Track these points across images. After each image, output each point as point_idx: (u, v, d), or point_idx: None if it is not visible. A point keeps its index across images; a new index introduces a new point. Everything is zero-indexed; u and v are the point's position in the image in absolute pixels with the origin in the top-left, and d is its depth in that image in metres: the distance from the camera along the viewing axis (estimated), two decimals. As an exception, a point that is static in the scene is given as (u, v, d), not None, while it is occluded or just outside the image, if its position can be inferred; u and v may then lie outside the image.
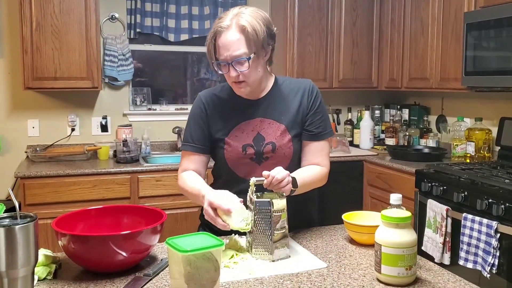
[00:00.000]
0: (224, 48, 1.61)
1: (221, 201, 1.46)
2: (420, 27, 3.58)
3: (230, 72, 1.63)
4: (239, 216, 1.46)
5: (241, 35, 1.59)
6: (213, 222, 1.47)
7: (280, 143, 1.71)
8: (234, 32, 1.60)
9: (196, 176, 1.73)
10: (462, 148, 3.34)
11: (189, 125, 1.79)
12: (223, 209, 1.45)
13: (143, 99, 3.92)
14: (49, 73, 3.31)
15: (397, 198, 1.34)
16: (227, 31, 1.60)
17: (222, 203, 1.45)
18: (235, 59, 1.60)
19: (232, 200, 1.48)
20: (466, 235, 2.45)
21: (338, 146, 3.82)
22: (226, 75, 1.67)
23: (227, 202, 1.46)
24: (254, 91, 1.73)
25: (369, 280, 1.33)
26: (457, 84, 3.17)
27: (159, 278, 1.34)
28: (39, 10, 3.25)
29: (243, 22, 1.59)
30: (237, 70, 1.62)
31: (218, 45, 1.62)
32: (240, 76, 1.63)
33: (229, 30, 1.60)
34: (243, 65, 1.61)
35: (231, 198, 1.49)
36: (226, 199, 1.47)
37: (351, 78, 4.06)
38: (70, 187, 3.11)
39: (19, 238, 1.10)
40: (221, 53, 1.62)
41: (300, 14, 3.86)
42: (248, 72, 1.63)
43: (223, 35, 1.61)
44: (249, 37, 1.60)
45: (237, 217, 1.46)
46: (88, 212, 1.55)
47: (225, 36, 1.60)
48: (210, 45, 1.65)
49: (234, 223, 1.45)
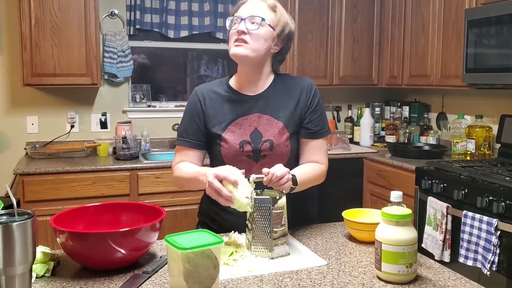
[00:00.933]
0: (245, 6, 1.68)
1: (227, 172, 1.45)
2: (420, 24, 3.57)
3: (239, 26, 1.64)
4: (244, 190, 1.45)
5: (269, 10, 1.68)
6: (218, 193, 1.44)
7: (278, 141, 1.69)
8: (264, 5, 1.68)
9: (192, 164, 1.72)
10: (463, 145, 3.33)
11: (184, 120, 1.77)
12: (230, 180, 1.43)
13: (142, 96, 3.91)
14: (48, 70, 3.30)
15: (397, 196, 1.34)
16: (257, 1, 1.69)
17: (229, 174, 1.44)
18: (250, 16, 1.65)
19: (238, 173, 1.47)
20: (466, 232, 2.45)
21: (338, 144, 3.81)
22: (231, 35, 1.67)
23: (234, 173, 1.45)
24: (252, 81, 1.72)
25: (369, 277, 1.32)
26: (457, 81, 3.16)
27: (158, 276, 1.33)
28: (38, 6, 3.24)
29: (275, 2, 1.70)
30: (246, 27, 1.64)
31: (243, 6, 1.68)
32: (247, 36, 1.64)
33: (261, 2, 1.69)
34: (254, 24, 1.65)
35: (236, 171, 1.48)
36: (232, 170, 1.46)
37: (352, 75, 4.06)
38: (69, 184, 3.11)
39: (17, 235, 1.10)
40: (242, 11, 1.67)
41: (301, 11, 3.84)
42: (255, 33, 1.64)
43: (251, 1, 1.69)
44: (273, 12, 1.68)
45: (242, 191, 1.44)
46: (86, 209, 1.55)
47: (255, 2, 1.69)
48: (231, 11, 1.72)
49: (240, 195, 1.44)
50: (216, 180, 1.44)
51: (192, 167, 1.69)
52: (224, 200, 1.44)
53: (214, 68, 4.18)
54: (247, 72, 1.72)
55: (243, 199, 1.45)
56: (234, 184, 1.44)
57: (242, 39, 1.63)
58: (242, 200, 1.44)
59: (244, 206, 1.46)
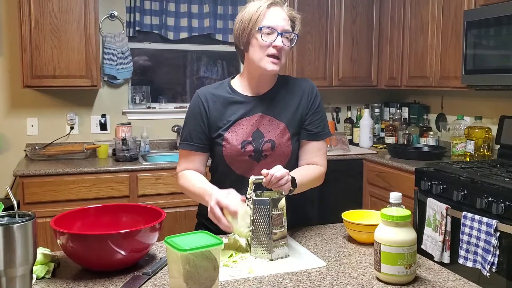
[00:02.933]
0: (277, 17, 1.64)
1: (229, 202, 1.46)
2: (420, 25, 3.57)
3: (277, 41, 1.62)
4: (243, 220, 1.47)
5: (289, 20, 1.68)
6: (218, 221, 1.46)
7: (279, 141, 1.70)
8: (284, 14, 1.67)
9: (199, 175, 1.72)
10: (462, 146, 3.33)
11: (187, 123, 1.77)
12: (230, 210, 1.45)
13: (142, 98, 3.92)
14: (48, 72, 3.30)
15: (396, 197, 1.34)
16: (279, 7, 1.67)
17: (230, 204, 1.45)
18: (286, 32, 1.64)
19: (239, 202, 1.47)
20: (465, 233, 2.45)
21: (338, 145, 3.81)
22: (264, 45, 1.63)
23: (234, 203, 1.46)
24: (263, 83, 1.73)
25: (369, 279, 1.33)
26: (457, 82, 3.17)
27: (158, 277, 1.34)
28: (38, 8, 3.24)
29: (293, 12, 1.70)
30: (283, 42, 1.63)
31: (267, 14, 1.64)
32: (282, 51, 1.64)
33: (281, 7, 1.68)
34: (289, 40, 1.66)
35: (237, 199, 1.48)
36: (233, 200, 1.47)
37: (351, 76, 4.06)
38: (69, 185, 3.11)
39: (17, 236, 1.10)
40: (273, 21, 1.63)
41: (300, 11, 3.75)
42: (287, 51, 1.67)
43: (275, 8, 1.66)
44: (295, 26, 1.70)
45: (241, 221, 1.46)
46: (86, 210, 1.55)
47: (278, 10, 1.66)
48: (253, 14, 1.64)
49: (238, 226, 1.46)
50: (217, 207, 1.46)
51: (198, 181, 1.68)
52: (223, 228, 1.47)
53: (214, 69, 4.18)
54: (263, 80, 1.73)
55: (240, 229, 1.47)
56: (233, 215, 1.45)
57: (279, 56, 1.64)
58: (239, 230, 1.47)
59: (242, 235, 1.49)
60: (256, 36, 1.63)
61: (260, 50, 1.64)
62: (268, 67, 1.64)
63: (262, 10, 1.63)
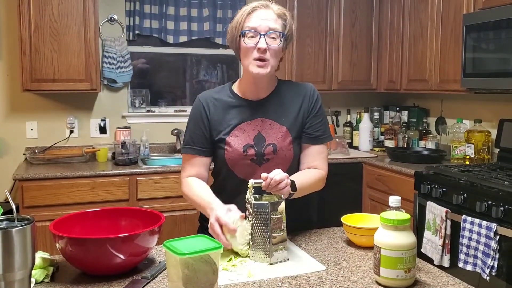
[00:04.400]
0: (260, 18, 1.61)
1: (228, 219, 1.47)
2: (419, 29, 3.58)
3: (260, 43, 1.59)
4: (242, 237, 1.48)
5: (278, 18, 1.64)
6: (217, 238, 1.47)
7: (281, 145, 1.70)
8: (272, 13, 1.64)
9: (202, 184, 1.73)
10: (462, 150, 3.33)
11: (189, 128, 1.78)
12: (228, 228, 1.46)
13: (142, 101, 3.92)
14: (48, 75, 3.30)
15: (396, 200, 1.34)
16: (265, 9, 1.63)
17: (228, 222, 1.46)
18: (271, 31, 1.61)
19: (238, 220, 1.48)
20: (465, 237, 2.45)
21: (337, 148, 3.82)
22: (248, 49, 1.61)
23: (233, 221, 1.47)
24: (261, 87, 1.72)
25: (368, 282, 1.32)
26: (456, 86, 3.17)
27: (157, 281, 1.33)
28: (38, 11, 3.24)
29: (281, 9, 1.66)
30: (267, 43, 1.60)
31: (251, 17, 1.61)
32: (267, 53, 1.61)
33: (268, 9, 1.64)
34: (275, 40, 1.62)
35: (237, 216, 1.49)
36: (233, 218, 1.48)
37: (350, 80, 4.06)
38: (68, 189, 3.10)
39: (16, 240, 1.10)
40: (255, 22, 1.60)
41: (299, 15, 3.86)
42: (276, 50, 1.63)
43: (260, 10, 1.63)
44: (285, 23, 1.66)
45: (240, 238, 1.47)
46: (86, 214, 1.55)
47: (263, 11, 1.63)
48: (238, 19, 1.63)
49: (237, 244, 1.47)
50: (217, 224, 1.47)
51: (202, 191, 1.68)
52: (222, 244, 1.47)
53: (213, 73, 4.18)
54: (259, 83, 1.72)
55: (239, 247, 1.48)
56: (232, 233, 1.46)
57: (264, 58, 1.61)
58: (238, 247, 1.49)
59: (240, 253, 1.50)
60: (241, 41, 1.64)
61: (246, 54, 1.64)
62: (253, 70, 1.63)
63: (245, 13, 1.63)
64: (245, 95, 1.75)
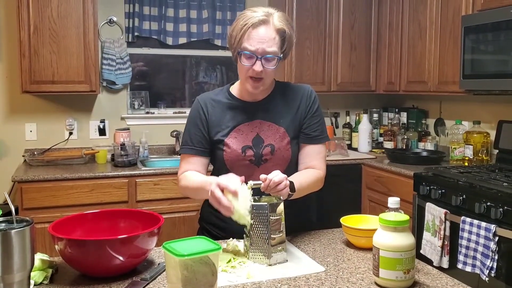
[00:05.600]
0: (258, 41, 1.60)
1: (228, 182, 1.45)
2: (418, 31, 3.58)
3: (256, 66, 1.61)
4: (244, 202, 1.45)
5: (277, 35, 1.62)
6: (218, 202, 1.44)
7: (279, 145, 1.71)
8: (271, 30, 1.62)
9: (199, 173, 1.73)
10: (461, 151, 3.34)
11: (187, 128, 1.79)
12: (230, 190, 1.44)
13: (141, 103, 3.92)
14: (47, 77, 3.31)
15: (395, 202, 1.34)
16: (264, 26, 1.61)
17: (229, 184, 1.45)
18: (266, 55, 1.61)
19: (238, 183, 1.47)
20: (464, 238, 2.45)
21: (337, 150, 3.82)
22: (244, 68, 1.63)
23: (234, 183, 1.45)
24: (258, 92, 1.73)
25: (367, 284, 1.32)
26: (455, 87, 3.18)
27: (156, 283, 1.33)
28: (37, 13, 3.24)
29: (282, 24, 1.63)
30: (263, 66, 1.62)
31: (250, 35, 1.60)
32: (262, 73, 1.63)
33: (267, 25, 1.61)
34: (270, 62, 1.63)
35: (237, 180, 1.48)
36: (233, 181, 1.47)
37: (349, 81, 4.07)
38: (67, 191, 3.10)
39: (15, 242, 1.10)
40: (252, 44, 1.60)
41: (298, 17, 3.86)
42: (270, 72, 1.65)
43: (260, 28, 1.61)
44: (284, 41, 1.65)
45: (242, 203, 1.45)
46: (85, 216, 1.55)
47: (262, 30, 1.61)
48: (238, 32, 1.62)
49: (239, 206, 1.44)
50: (217, 189, 1.45)
51: (198, 176, 1.70)
52: (224, 210, 1.45)
53: (213, 74, 4.19)
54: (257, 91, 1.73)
55: (241, 210, 1.45)
56: (233, 194, 1.44)
57: (258, 78, 1.64)
58: (240, 210, 1.45)
59: (243, 217, 1.46)
60: (238, 57, 1.65)
61: (242, 70, 1.66)
62: (248, 88, 1.67)
63: (246, 29, 1.61)
64: (243, 97, 1.77)
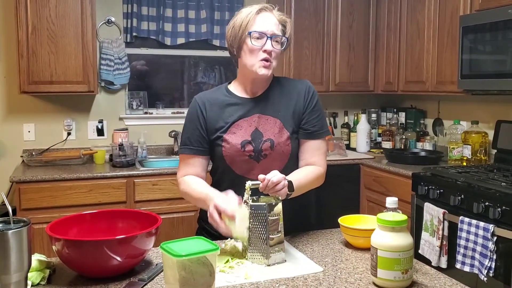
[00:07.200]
0: (267, 23, 1.67)
1: (226, 206, 1.46)
2: (416, 30, 3.58)
3: (267, 45, 1.66)
4: (242, 224, 1.47)
5: (279, 24, 1.71)
6: (217, 225, 1.47)
7: (278, 141, 1.71)
8: (274, 18, 1.70)
9: (200, 180, 1.73)
10: (459, 151, 3.34)
11: (186, 128, 1.79)
12: (227, 214, 1.45)
13: (139, 103, 3.92)
14: (45, 77, 3.30)
15: (393, 202, 1.34)
16: (268, 12, 1.70)
17: (227, 208, 1.46)
18: (276, 35, 1.67)
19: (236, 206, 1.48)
20: (463, 238, 2.45)
21: (335, 150, 3.82)
22: (254, 50, 1.67)
23: (231, 207, 1.46)
24: (258, 85, 1.75)
25: (365, 284, 1.32)
26: (453, 87, 3.18)
27: (154, 283, 1.33)
28: (35, 14, 3.24)
29: (283, 16, 1.73)
30: (272, 46, 1.67)
31: (256, 19, 1.67)
32: (272, 54, 1.67)
33: (271, 12, 1.71)
34: (279, 43, 1.70)
35: (235, 202, 1.49)
36: (231, 204, 1.47)
37: (348, 81, 4.07)
38: (66, 191, 3.10)
39: (12, 243, 1.10)
40: (261, 26, 1.67)
41: (297, 17, 3.86)
42: (278, 53, 1.70)
43: (265, 13, 1.70)
44: (284, 30, 1.72)
45: (240, 225, 1.47)
46: (82, 216, 1.55)
47: (268, 14, 1.70)
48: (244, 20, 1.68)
49: (236, 229, 1.46)
50: (215, 212, 1.47)
51: (198, 185, 1.70)
52: (223, 232, 1.48)
53: (211, 74, 4.18)
54: (258, 82, 1.75)
55: (239, 232, 1.48)
56: (231, 219, 1.46)
57: (270, 59, 1.68)
58: (238, 233, 1.48)
59: (241, 237, 1.49)
60: (246, 42, 1.67)
61: (251, 55, 1.68)
62: (259, 71, 1.68)
63: (251, 15, 1.67)
64: (241, 93, 1.78)
